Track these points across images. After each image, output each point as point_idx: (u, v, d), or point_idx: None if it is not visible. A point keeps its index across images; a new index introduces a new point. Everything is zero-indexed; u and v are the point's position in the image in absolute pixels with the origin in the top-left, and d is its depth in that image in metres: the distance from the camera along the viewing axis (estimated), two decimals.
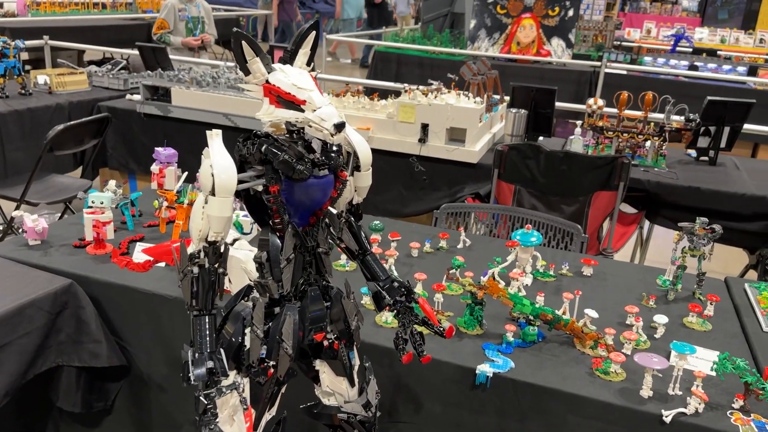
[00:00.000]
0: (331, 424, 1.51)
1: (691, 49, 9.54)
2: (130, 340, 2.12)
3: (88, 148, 4.11)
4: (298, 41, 1.25)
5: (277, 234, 1.27)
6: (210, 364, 1.20)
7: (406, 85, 3.82)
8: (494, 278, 1.93)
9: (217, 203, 1.17)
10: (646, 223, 3.90)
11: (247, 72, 1.21)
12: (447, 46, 8.31)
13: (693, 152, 4.01)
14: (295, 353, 1.27)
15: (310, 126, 1.19)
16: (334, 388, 1.44)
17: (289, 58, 1.25)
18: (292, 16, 13.22)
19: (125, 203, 2.39)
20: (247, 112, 4.12)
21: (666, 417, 1.58)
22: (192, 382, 1.18)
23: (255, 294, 1.36)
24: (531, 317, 1.92)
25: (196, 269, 1.21)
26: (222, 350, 1.24)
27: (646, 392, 1.66)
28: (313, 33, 1.26)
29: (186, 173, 2.51)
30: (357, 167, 1.36)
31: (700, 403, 1.60)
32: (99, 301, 2.08)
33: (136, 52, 5.30)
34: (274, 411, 1.43)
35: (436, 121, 3.61)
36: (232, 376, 1.29)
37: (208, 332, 1.22)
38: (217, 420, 1.21)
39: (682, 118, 3.83)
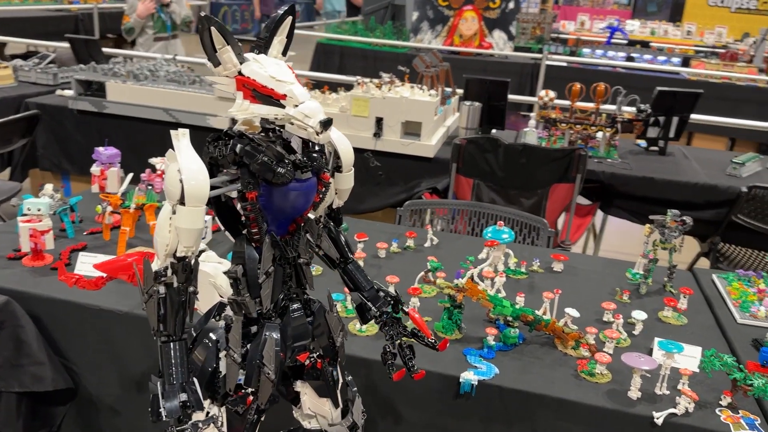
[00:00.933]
0: None
1: (626, 41, 9.76)
2: (76, 360, 1.93)
3: (17, 149, 3.81)
4: (272, 28, 1.11)
5: (254, 245, 1.14)
6: (183, 396, 1.05)
7: (359, 77, 3.69)
8: (473, 280, 1.85)
9: (187, 214, 1.02)
10: (599, 215, 3.91)
11: (216, 62, 1.07)
12: (390, 38, 8.21)
13: (642, 142, 4.04)
14: (278, 378, 1.14)
15: (292, 123, 1.06)
16: (316, 410, 1.31)
17: (263, 47, 1.11)
18: (272, 10, 12.85)
19: (64, 209, 2.18)
20: (190, 107, 3.91)
21: (657, 419, 1.53)
22: (163, 418, 1.04)
23: (228, 312, 1.22)
24: (510, 319, 1.85)
25: (162, 289, 1.07)
26: (195, 379, 1.09)
27: (634, 393, 1.61)
28: (289, 18, 1.12)
29: (131, 174, 2.32)
30: (338, 168, 1.24)
31: (689, 403, 1.56)
32: (40, 318, 1.88)
33: (63, 44, 4.97)
34: None
35: (390, 114, 3.51)
36: (207, 407, 1.15)
37: (179, 360, 1.07)
38: None
39: (633, 109, 3.86)
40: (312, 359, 1.24)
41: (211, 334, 1.17)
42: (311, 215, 1.21)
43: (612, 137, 3.75)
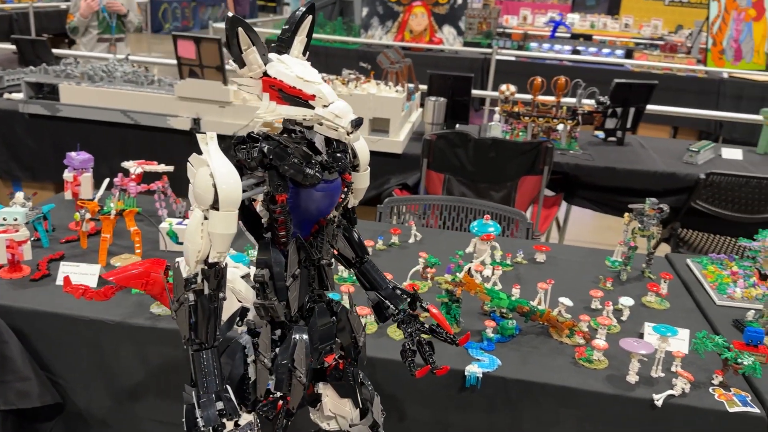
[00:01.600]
0: None
1: (569, 35, 10.01)
2: (64, 373, 1.86)
3: None
4: (293, 27, 1.10)
5: (279, 248, 1.12)
6: (219, 405, 1.03)
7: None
8: (470, 274, 1.87)
9: (222, 218, 1.00)
10: (563, 206, 4.01)
11: (242, 64, 1.04)
12: (340, 34, 8.17)
13: (601, 134, 4.16)
14: (309, 381, 1.13)
15: (321, 124, 1.05)
16: (336, 412, 1.31)
17: (285, 47, 1.09)
18: (247, 10, 12.56)
19: (38, 217, 2.09)
20: (149, 108, 3.81)
21: (657, 401, 1.59)
22: (201, 428, 1.01)
23: (250, 317, 1.20)
24: (505, 310, 1.89)
25: (192, 296, 1.04)
26: (228, 387, 1.07)
27: (632, 378, 1.66)
28: (310, 17, 1.11)
29: (108, 179, 2.25)
30: (355, 167, 1.23)
31: (686, 384, 1.62)
32: (24, 332, 1.80)
33: (5, 45, 4.76)
34: None
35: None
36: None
37: (212, 369, 1.05)
38: None
39: (592, 101, 3.97)
40: (335, 360, 1.24)
41: (238, 340, 1.15)
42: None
43: (573, 129, 3.84)
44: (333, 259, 1.24)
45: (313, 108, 1.04)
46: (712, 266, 2.27)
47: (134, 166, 2.40)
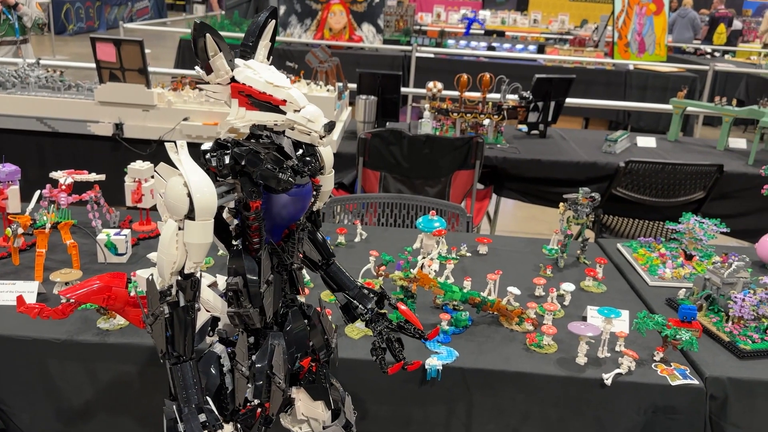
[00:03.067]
0: None
1: (483, 32, 10.29)
2: (5, 398, 1.76)
3: None
4: (257, 33, 1.09)
5: (251, 254, 1.11)
6: (202, 417, 1.01)
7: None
8: (422, 269, 1.90)
9: (198, 228, 0.98)
10: (493, 198, 4.13)
11: (209, 70, 1.03)
12: None
13: (524, 127, 4.31)
14: (287, 385, 1.13)
15: (293, 129, 1.05)
16: (309, 415, 1.31)
17: (249, 53, 1.09)
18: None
19: None
20: (68, 115, 3.63)
21: (607, 380, 1.68)
22: None
23: (221, 327, 1.18)
24: (456, 303, 1.94)
25: (167, 309, 1.02)
26: (209, 398, 1.06)
27: (581, 359, 1.75)
28: (273, 22, 1.11)
29: (39, 191, 2.14)
30: (320, 170, 1.23)
31: (631, 362, 1.72)
32: None
33: None
34: None
35: None
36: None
37: (192, 381, 1.03)
38: None
39: (516, 96, 4.11)
40: (310, 364, 1.24)
41: (212, 350, 1.13)
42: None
43: (499, 124, 3.97)
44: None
45: (284, 113, 1.04)
46: (641, 249, 2.41)
47: (63, 176, 2.29)
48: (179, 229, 0.99)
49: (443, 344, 1.79)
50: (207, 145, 1.06)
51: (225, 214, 1.13)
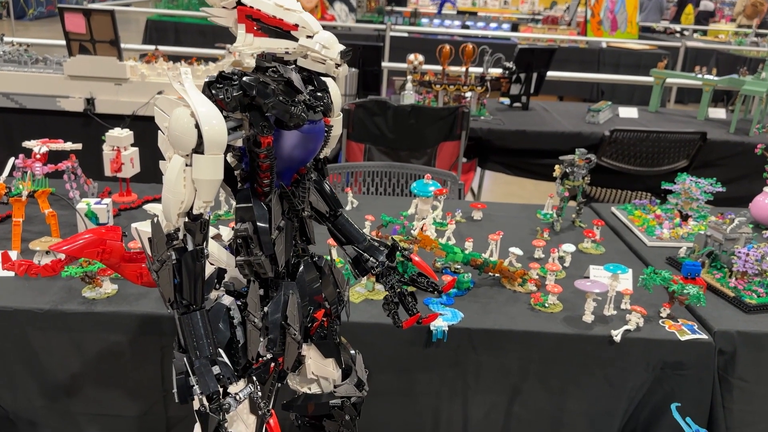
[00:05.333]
0: (307, 415, 1.32)
1: (455, 12, 10.22)
2: None
3: None
4: None
5: (260, 199, 1.03)
6: (215, 369, 0.94)
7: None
8: (422, 231, 1.84)
9: (208, 163, 0.90)
10: (477, 172, 4.09)
11: None
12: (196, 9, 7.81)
13: (506, 100, 4.27)
14: (303, 338, 1.06)
15: (305, 57, 0.97)
16: (319, 373, 1.24)
17: None
18: None
19: None
20: (36, 90, 3.47)
21: (616, 336, 1.64)
22: (199, 397, 0.92)
23: (227, 279, 1.10)
24: (459, 266, 1.88)
25: (175, 255, 0.93)
26: (221, 351, 0.98)
27: (588, 317, 1.71)
28: None
29: (13, 159, 2.02)
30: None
31: (639, 318, 1.69)
32: None
33: None
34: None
35: None
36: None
37: (203, 331, 0.95)
38: None
39: (499, 70, 4.05)
40: (322, 318, 1.17)
41: (220, 302, 1.05)
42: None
43: (482, 96, 3.91)
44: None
45: (296, 39, 0.96)
46: (637, 211, 2.38)
47: (38, 145, 2.17)
48: (186, 165, 0.91)
49: (447, 306, 1.74)
50: (210, 77, 0.97)
51: (229, 158, 1.05)
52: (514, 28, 8.52)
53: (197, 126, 0.89)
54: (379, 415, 1.71)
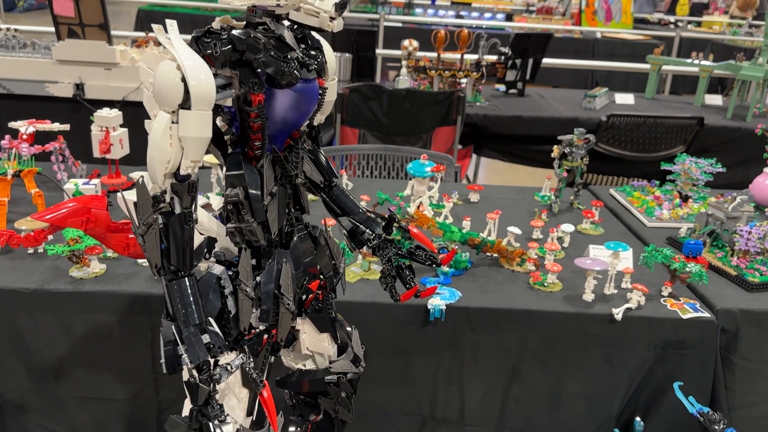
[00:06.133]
0: (301, 392, 1.28)
1: (449, 2, 10.16)
2: None
3: None
4: None
5: (251, 163, 0.99)
6: (205, 338, 0.89)
7: None
8: (419, 209, 1.80)
9: (196, 119, 0.86)
10: (473, 159, 4.05)
11: None
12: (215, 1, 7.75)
13: (502, 87, 4.22)
14: (297, 308, 1.02)
15: (298, 10, 0.92)
16: (315, 349, 1.20)
17: None
18: None
19: None
20: (24, 75, 3.40)
21: (617, 314, 1.61)
22: (187, 366, 0.87)
23: (217, 249, 1.06)
24: (454, 245, 1.84)
25: (162, 219, 0.89)
26: (211, 319, 0.93)
27: (588, 296, 1.68)
28: None
29: None
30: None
31: (641, 296, 1.65)
32: None
33: None
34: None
35: None
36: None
37: (192, 298, 0.91)
38: (224, 412, 0.92)
39: (494, 57, 4.01)
40: (316, 291, 1.12)
41: (210, 271, 1.01)
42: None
43: (477, 82, 3.87)
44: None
45: None
46: (636, 193, 2.35)
47: (25, 125, 2.12)
48: (172, 123, 0.86)
49: (445, 285, 1.70)
50: (198, 32, 0.92)
51: (219, 122, 1.00)
52: (509, 18, 8.48)
53: (184, 80, 0.84)
54: (375, 396, 1.67)
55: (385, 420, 1.73)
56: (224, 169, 0.99)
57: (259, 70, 0.91)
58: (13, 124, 2.12)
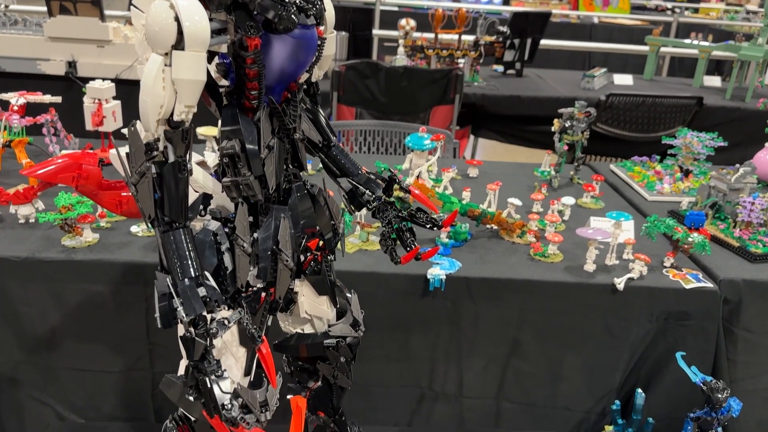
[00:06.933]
0: (299, 358, 1.25)
1: None
2: None
3: None
4: None
5: (248, 115, 0.95)
6: (201, 291, 0.86)
7: None
8: (418, 180, 1.77)
9: (190, 60, 0.82)
10: (470, 141, 4.02)
11: None
12: None
13: (499, 68, 4.19)
14: (296, 265, 0.99)
15: None
16: (313, 312, 1.17)
17: None
18: None
19: None
20: (14, 52, 3.35)
21: (619, 284, 1.58)
22: (182, 320, 0.84)
23: (213, 206, 1.03)
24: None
25: (155, 169, 0.86)
26: (207, 273, 0.90)
27: (590, 266, 1.65)
28: None
29: None
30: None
31: (643, 266, 1.63)
32: None
33: None
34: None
35: None
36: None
37: (187, 251, 0.88)
38: (221, 367, 0.89)
39: (493, 37, 3.97)
40: (315, 252, 1.10)
41: (206, 227, 0.97)
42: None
43: (475, 62, 3.83)
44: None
45: None
46: (636, 167, 2.33)
47: (15, 97, 2.08)
48: (165, 65, 0.83)
49: (444, 256, 1.67)
50: None
51: (213, 73, 0.97)
52: (506, 2, 8.41)
53: (177, 19, 0.81)
54: (373, 367, 1.65)
55: (383, 392, 1.71)
56: (220, 122, 0.96)
57: (256, 13, 0.88)
58: (3, 96, 2.08)
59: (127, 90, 3.06)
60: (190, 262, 0.87)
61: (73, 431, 1.67)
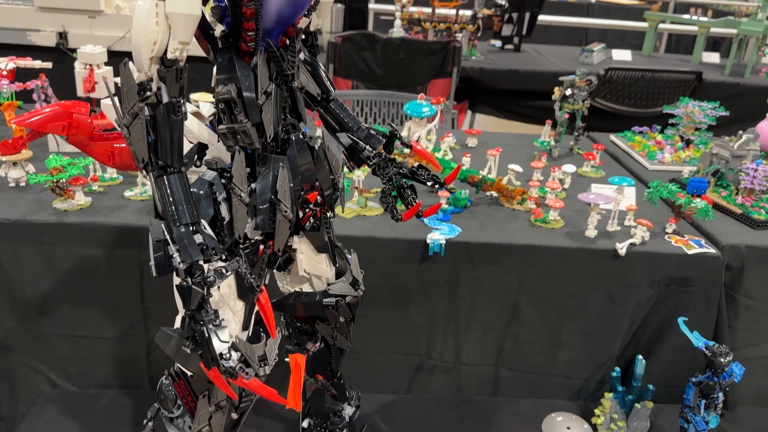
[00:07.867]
0: (298, 318, 1.22)
1: None
2: None
3: None
4: None
5: (244, 59, 0.92)
6: (198, 238, 0.83)
7: None
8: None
9: None
10: (467, 117, 3.98)
11: None
12: None
13: (497, 42, 4.14)
14: (295, 216, 0.96)
15: None
16: (312, 271, 1.15)
17: None
18: None
19: None
20: (5, 23, 3.28)
21: (621, 249, 1.56)
22: (177, 267, 0.81)
23: (209, 157, 0.99)
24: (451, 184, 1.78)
25: (148, 111, 0.82)
26: (203, 221, 0.87)
27: (591, 232, 1.63)
28: None
29: None
30: None
31: (645, 231, 1.61)
32: None
33: None
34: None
35: None
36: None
37: (182, 196, 0.85)
38: (219, 317, 0.86)
39: (491, 10, 3.92)
40: (313, 208, 1.07)
41: (202, 176, 0.94)
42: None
43: (473, 35, 3.78)
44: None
45: None
46: (637, 137, 2.30)
47: (4, 62, 2.03)
48: (159, 0, 0.79)
49: (443, 221, 1.64)
50: None
51: (209, 17, 0.93)
52: None
53: None
54: (371, 334, 1.63)
55: (381, 360, 1.69)
56: (215, 68, 0.92)
57: None
58: None
59: (120, 62, 3.04)
60: (185, 207, 0.84)
61: (66, 399, 1.64)
